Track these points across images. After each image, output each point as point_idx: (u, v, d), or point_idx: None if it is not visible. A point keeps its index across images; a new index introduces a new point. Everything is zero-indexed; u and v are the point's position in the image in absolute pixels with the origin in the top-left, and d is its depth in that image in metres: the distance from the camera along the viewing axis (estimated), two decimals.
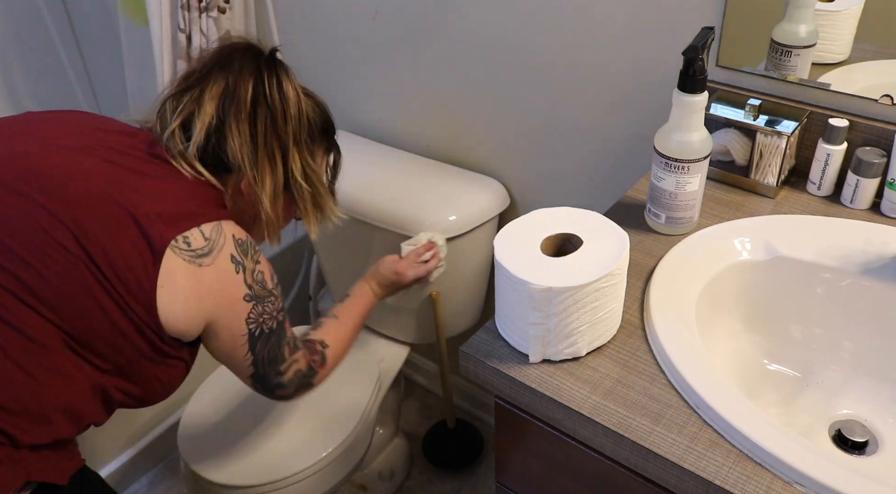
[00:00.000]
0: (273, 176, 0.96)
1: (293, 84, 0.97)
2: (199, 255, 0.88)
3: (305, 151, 0.99)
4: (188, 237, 0.88)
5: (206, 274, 0.89)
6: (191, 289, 0.88)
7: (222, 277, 0.91)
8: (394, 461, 1.70)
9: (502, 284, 0.77)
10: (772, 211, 0.98)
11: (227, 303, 0.92)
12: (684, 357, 0.75)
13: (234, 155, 0.93)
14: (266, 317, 0.97)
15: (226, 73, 0.93)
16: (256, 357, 0.99)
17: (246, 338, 0.96)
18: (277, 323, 1.00)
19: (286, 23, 1.60)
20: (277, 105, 0.94)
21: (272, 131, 0.94)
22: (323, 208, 1.05)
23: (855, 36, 0.93)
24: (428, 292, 1.43)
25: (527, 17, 1.21)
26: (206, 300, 0.90)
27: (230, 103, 0.92)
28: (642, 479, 0.75)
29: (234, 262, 0.92)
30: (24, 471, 0.83)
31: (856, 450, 0.80)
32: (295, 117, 0.96)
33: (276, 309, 0.99)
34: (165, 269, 0.86)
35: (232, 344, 0.96)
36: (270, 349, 1.00)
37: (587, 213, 0.82)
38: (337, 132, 1.59)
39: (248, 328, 0.95)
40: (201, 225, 0.89)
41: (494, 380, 0.80)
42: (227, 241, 0.91)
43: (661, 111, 1.14)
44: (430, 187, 1.40)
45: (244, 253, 0.93)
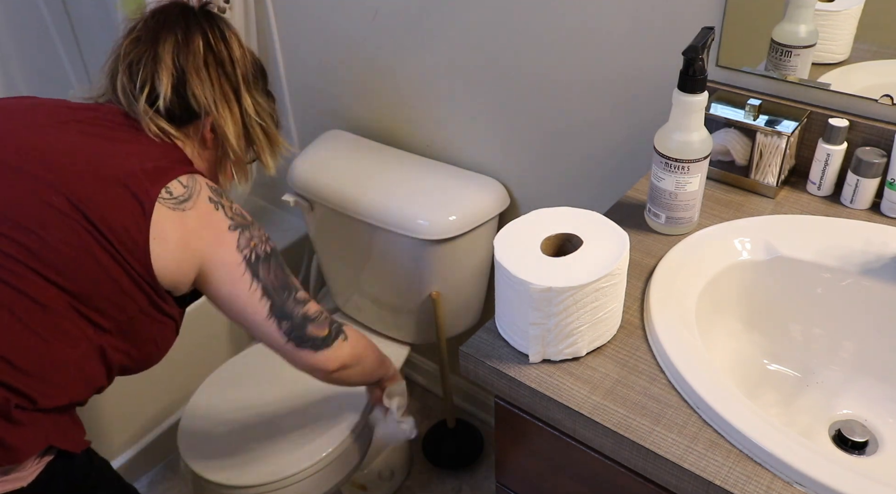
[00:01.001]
0: (233, 116, 1.04)
1: (232, 31, 1.06)
2: (181, 201, 0.94)
3: (253, 89, 1.07)
4: (169, 188, 0.94)
5: (189, 217, 0.94)
6: (178, 235, 0.93)
7: (204, 216, 0.96)
8: (394, 461, 1.70)
9: (502, 284, 0.77)
10: (772, 211, 0.98)
11: (213, 237, 0.97)
12: (684, 357, 0.75)
13: (202, 99, 1.00)
14: (256, 242, 1.00)
15: (173, 31, 1.00)
16: (263, 284, 1.01)
17: (244, 266, 0.99)
18: (272, 249, 1.03)
19: (286, 23, 1.60)
20: (225, 52, 1.03)
21: (224, 75, 1.03)
22: (273, 140, 1.12)
23: (855, 36, 0.93)
24: (428, 293, 1.43)
25: (527, 17, 1.21)
26: (193, 242, 0.95)
27: (185, 55, 1.00)
28: (642, 479, 0.75)
29: (212, 202, 0.98)
30: (44, 434, 0.87)
31: (856, 450, 0.80)
32: (240, 60, 1.05)
33: (262, 236, 1.02)
34: (155, 221, 0.91)
35: (232, 280, 0.99)
36: (275, 274, 1.02)
37: (587, 213, 0.82)
38: (337, 132, 1.60)
39: (241, 254, 0.99)
40: (179, 176, 0.96)
41: (494, 380, 0.80)
42: (202, 186, 0.98)
43: (661, 111, 1.14)
44: (430, 186, 1.40)
45: (219, 195, 1.00)
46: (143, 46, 1.00)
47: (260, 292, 1.00)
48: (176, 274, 0.95)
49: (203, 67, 1.01)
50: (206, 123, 1.02)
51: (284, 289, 1.03)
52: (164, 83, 0.98)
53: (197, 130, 1.03)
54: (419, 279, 1.42)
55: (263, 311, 1.02)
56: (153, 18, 1.03)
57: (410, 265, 1.40)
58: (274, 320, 1.02)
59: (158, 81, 0.98)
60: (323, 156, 1.51)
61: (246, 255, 0.99)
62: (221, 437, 1.36)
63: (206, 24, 1.03)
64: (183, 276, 0.96)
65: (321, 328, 1.07)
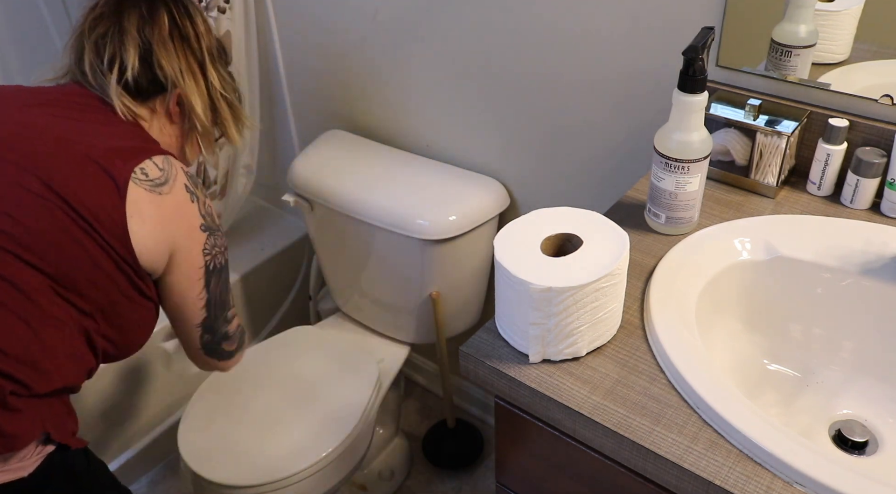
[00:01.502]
0: (199, 88, 1.04)
1: (197, 8, 1.06)
2: (158, 184, 0.94)
3: (218, 63, 1.07)
4: (145, 168, 0.93)
5: (166, 202, 0.94)
6: (156, 216, 0.93)
7: (180, 205, 0.96)
8: (394, 461, 1.70)
9: (502, 284, 0.77)
10: (772, 211, 0.98)
11: (186, 230, 0.97)
12: (684, 357, 0.75)
13: (168, 70, 1.00)
14: (217, 251, 1.02)
15: (136, 5, 1.00)
16: (210, 296, 1.03)
17: (202, 271, 1.01)
18: (225, 261, 1.06)
19: (286, 23, 1.60)
20: (189, 27, 1.03)
21: (189, 48, 1.03)
22: (237, 114, 1.12)
23: (855, 36, 0.93)
24: (428, 293, 1.43)
25: (527, 17, 1.21)
26: (169, 227, 0.95)
27: (151, 29, 0.99)
28: (642, 479, 0.75)
29: (189, 191, 0.98)
30: (41, 419, 0.88)
31: (856, 450, 0.80)
32: (205, 35, 1.05)
33: (223, 245, 1.04)
34: (131, 200, 0.91)
35: (188, 279, 1.00)
36: (222, 288, 1.06)
37: (587, 213, 0.82)
38: (337, 132, 1.60)
39: (203, 259, 1.00)
40: (153, 157, 0.95)
41: (494, 380, 0.80)
42: (178, 172, 0.97)
43: (661, 111, 1.14)
44: (431, 187, 1.40)
45: (195, 184, 1.00)
46: (107, 21, 0.99)
47: (204, 302, 1.03)
48: (154, 253, 0.95)
49: (169, 40, 1.01)
50: (173, 97, 1.02)
51: (221, 306, 1.07)
52: (130, 55, 0.98)
53: (163, 103, 1.03)
54: (419, 279, 1.42)
55: (197, 319, 1.05)
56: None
57: (410, 265, 1.40)
58: (200, 329, 1.07)
59: (125, 53, 0.98)
60: (323, 156, 1.51)
61: (207, 261, 1.01)
62: (221, 437, 1.36)
63: (169, 1, 1.03)
64: (160, 256, 0.96)
65: (232, 343, 1.15)
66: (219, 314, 1.08)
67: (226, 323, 1.11)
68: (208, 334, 1.09)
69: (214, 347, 1.12)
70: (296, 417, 1.39)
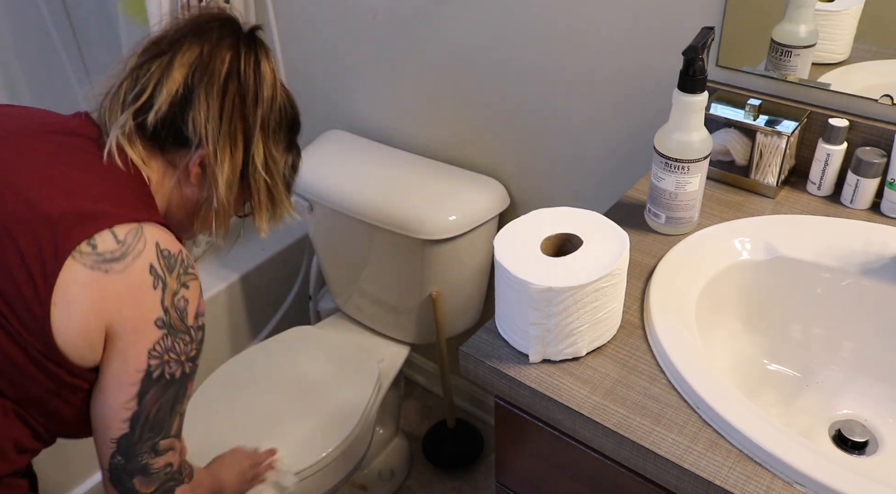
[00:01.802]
0: (233, 159, 0.86)
1: (271, 66, 0.89)
2: (107, 260, 0.75)
3: (270, 139, 0.89)
4: (94, 240, 0.75)
5: (112, 283, 0.75)
6: (90, 300, 0.75)
7: (134, 290, 0.77)
8: (394, 461, 1.70)
9: (502, 284, 0.77)
10: (772, 211, 0.98)
11: (132, 322, 0.77)
12: (684, 357, 0.75)
13: (198, 127, 0.83)
14: (173, 358, 0.80)
15: (201, 41, 0.85)
16: (140, 410, 0.80)
17: (140, 376, 0.79)
18: (183, 374, 0.82)
19: (286, 23, 1.60)
20: (251, 84, 0.86)
21: (240, 111, 0.85)
22: (277, 204, 0.95)
23: (855, 36, 0.93)
24: (428, 293, 1.43)
25: (527, 17, 1.21)
26: (105, 313, 0.76)
27: (202, 73, 0.83)
28: (642, 479, 0.75)
29: (153, 274, 0.78)
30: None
31: (856, 450, 0.80)
32: (267, 101, 0.88)
33: (187, 354, 0.82)
34: (61, 282, 0.73)
35: (118, 379, 0.79)
36: (162, 407, 0.82)
37: (587, 213, 0.82)
38: (337, 132, 1.60)
39: (146, 362, 0.78)
40: (115, 226, 0.77)
41: (494, 380, 0.80)
42: (147, 248, 0.78)
43: (661, 111, 1.14)
44: (431, 186, 1.40)
45: (168, 268, 0.80)
46: (161, 48, 0.85)
47: (130, 414, 0.80)
48: (84, 349, 0.76)
49: (217, 94, 0.84)
50: (196, 157, 0.85)
51: (154, 429, 0.82)
52: (163, 96, 0.82)
53: (183, 159, 0.86)
54: (419, 279, 1.42)
55: (115, 433, 0.81)
56: (189, 22, 0.87)
57: (410, 265, 1.40)
58: (114, 446, 0.82)
59: (158, 92, 0.83)
60: (323, 156, 1.51)
61: (151, 366, 0.79)
62: (221, 437, 1.36)
63: (243, 46, 0.86)
64: (89, 349, 0.77)
65: (148, 485, 0.86)
66: (146, 436, 0.82)
67: (151, 454, 0.83)
68: (122, 456, 0.82)
69: (122, 478, 0.84)
70: (296, 417, 1.39)
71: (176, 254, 0.81)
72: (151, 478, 0.86)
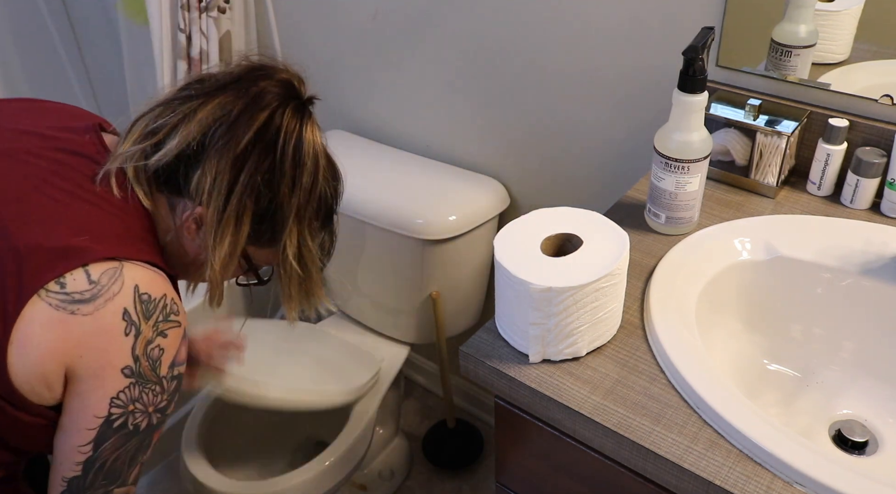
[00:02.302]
0: (234, 238, 0.78)
1: (319, 146, 0.80)
2: (76, 301, 0.69)
3: (306, 228, 0.81)
4: (64, 279, 0.69)
5: (77, 325, 0.69)
6: (51, 344, 0.69)
7: (102, 335, 0.70)
8: (394, 461, 1.70)
9: (502, 284, 0.77)
10: (772, 211, 0.98)
11: (94, 369, 0.71)
12: (684, 357, 0.75)
13: (201, 191, 0.76)
14: (139, 408, 0.74)
15: (237, 96, 0.77)
16: (94, 458, 0.75)
17: (98, 422, 0.73)
18: (149, 425, 0.77)
19: (286, 23, 1.60)
20: (287, 168, 0.77)
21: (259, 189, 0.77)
22: (311, 294, 0.88)
23: (855, 36, 0.93)
24: (427, 293, 1.43)
25: (527, 17, 1.21)
26: (66, 357, 0.70)
27: (223, 134, 0.75)
28: (642, 479, 0.75)
29: (126, 320, 0.71)
30: None
31: (856, 450, 0.80)
32: (306, 189, 0.79)
33: (156, 405, 0.76)
34: (22, 321, 0.68)
35: (74, 423, 0.73)
36: (120, 457, 0.76)
37: (587, 213, 0.82)
38: (337, 132, 1.60)
39: (109, 409, 0.73)
40: (90, 264, 0.70)
41: (494, 380, 0.80)
42: (123, 291, 0.71)
43: (661, 111, 1.14)
44: (431, 187, 1.40)
45: (145, 314, 0.73)
46: (202, 88, 0.78)
47: (84, 458, 0.74)
48: (41, 390, 0.71)
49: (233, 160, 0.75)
50: (192, 212, 0.77)
51: (108, 476, 0.77)
52: (173, 144, 0.75)
53: (183, 208, 0.79)
54: (419, 279, 1.42)
55: (67, 473, 0.76)
56: (239, 69, 0.80)
57: (410, 265, 1.40)
58: (65, 486, 0.76)
59: (171, 138, 0.76)
60: None
61: (112, 414, 0.73)
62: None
63: (285, 113, 0.78)
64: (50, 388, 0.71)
65: None
66: (98, 483, 0.76)
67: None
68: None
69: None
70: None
71: (157, 299, 0.74)
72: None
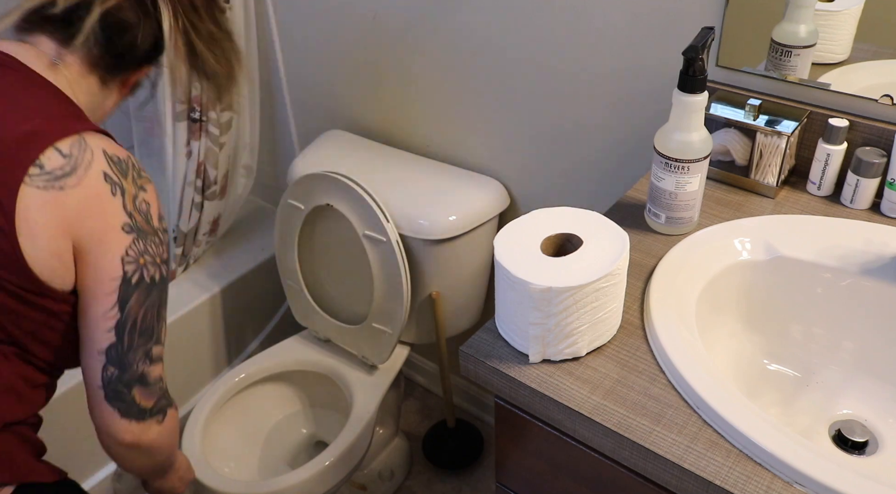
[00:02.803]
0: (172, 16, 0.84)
1: None
2: (59, 176, 0.73)
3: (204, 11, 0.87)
4: (41, 161, 0.72)
5: (70, 198, 0.73)
6: (53, 221, 0.73)
7: (93, 199, 0.74)
8: (394, 461, 1.70)
9: (502, 284, 0.77)
10: (772, 211, 0.98)
11: (98, 231, 0.75)
12: (684, 357, 0.75)
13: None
14: (148, 260, 0.78)
15: None
16: (125, 317, 0.77)
17: (116, 284, 0.76)
18: (161, 277, 0.80)
19: (286, 23, 1.60)
20: None
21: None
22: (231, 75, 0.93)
23: (855, 36, 0.93)
24: (428, 293, 1.43)
25: (527, 17, 1.21)
26: (71, 230, 0.74)
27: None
28: (642, 479, 0.75)
29: (109, 182, 0.76)
30: None
31: (856, 450, 0.80)
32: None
33: (161, 256, 0.80)
34: (20, 211, 0.71)
35: (93, 291, 0.76)
36: (148, 311, 0.79)
37: (587, 213, 0.82)
38: (337, 132, 1.59)
39: (122, 268, 0.76)
40: (56, 142, 0.74)
41: (494, 380, 0.80)
42: (95, 157, 0.75)
43: (660, 111, 1.14)
44: (430, 187, 1.40)
45: (122, 173, 0.77)
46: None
47: (114, 322, 0.77)
48: (60, 271, 0.75)
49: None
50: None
51: (144, 334, 0.80)
52: None
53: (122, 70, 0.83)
54: (419, 279, 1.42)
55: (102, 344, 0.78)
56: None
57: (410, 265, 1.40)
58: (104, 359, 0.79)
59: None
60: (323, 156, 1.51)
61: (127, 272, 0.77)
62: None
63: None
64: (67, 267, 0.75)
65: (148, 398, 0.83)
66: (137, 343, 0.79)
67: (147, 361, 0.81)
68: (115, 367, 0.79)
69: (121, 390, 0.80)
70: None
71: (125, 159, 0.78)
72: (150, 390, 0.82)
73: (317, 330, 1.55)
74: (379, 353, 1.46)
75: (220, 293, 1.70)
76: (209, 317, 1.68)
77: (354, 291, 1.45)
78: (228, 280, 1.72)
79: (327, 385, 1.53)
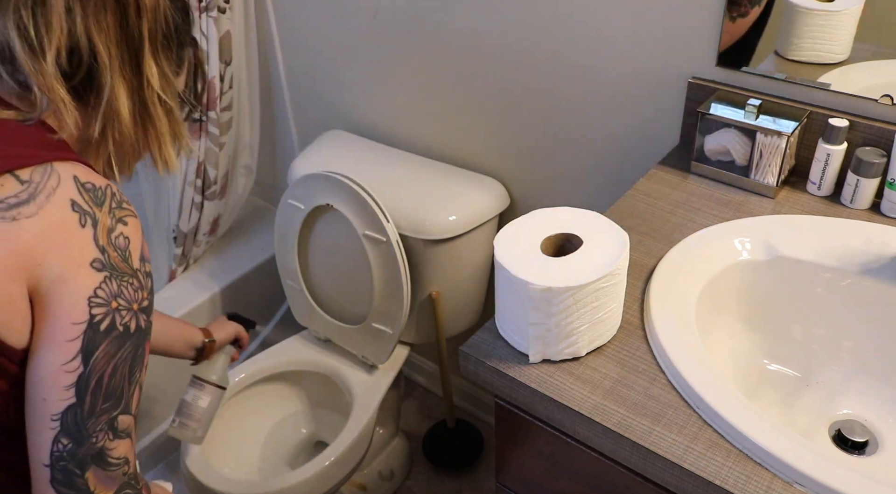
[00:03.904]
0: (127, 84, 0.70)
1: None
2: (12, 206, 0.61)
3: (161, 53, 0.72)
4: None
5: (25, 231, 0.61)
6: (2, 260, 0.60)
7: (56, 230, 0.62)
8: (394, 461, 1.70)
9: (502, 284, 0.77)
10: (772, 211, 0.98)
11: (60, 269, 0.62)
12: (684, 357, 0.75)
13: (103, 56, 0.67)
14: (123, 304, 0.65)
15: None
16: (87, 372, 0.63)
17: (82, 329, 0.62)
18: (138, 328, 0.66)
19: (286, 23, 1.60)
20: None
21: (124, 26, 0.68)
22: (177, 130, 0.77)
23: (855, 36, 0.93)
24: (428, 293, 1.43)
25: (527, 18, 1.21)
26: (26, 268, 0.61)
27: None
28: (642, 479, 0.75)
29: (78, 210, 0.64)
30: None
31: (856, 450, 0.80)
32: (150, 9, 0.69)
33: (139, 303, 0.66)
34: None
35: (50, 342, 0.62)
36: (118, 368, 0.65)
37: (587, 213, 0.82)
38: (337, 132, 1.60)
39: (89, 311, 0.63)
40: (18, 169, 0.63)
41: (494, 380, 0.80)
42: (63, 183, 0.64)
43: (660, 111, 1.14)
44: (430, 187, 1.40)
45: (96, 202, 0.65)
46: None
47: (74, 377, 0.62)
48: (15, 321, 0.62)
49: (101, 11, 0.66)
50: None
51: (110, 397, 0.64)
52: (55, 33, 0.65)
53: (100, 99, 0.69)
54: (419, 279, 1.42)
55: (57, 406, 0.62)
56: None
57: (410, 265, 1.40)
58: (57, 427, 0.63)
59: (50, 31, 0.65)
60: (323, 156, 1.51)
61: (95, 316, 0.63)
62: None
63: None
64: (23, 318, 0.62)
65: (106, 485, 0.65)
66: (100, 408, 0.64)
67: (108, 434, 0.64)
68: (69, 437, 0.63)
69: (71, 471, 0.63)
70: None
71: (102, 187, 0.66)
72: (110, 473, 0.65)
73: (317, 330, 1.55)
74: (379, 353, 1.46)
75: (219, 293, 1.70)
76: (209, 317, 1.68)
77: (354, 291, 1.45)
78: (228, 280, 1.72)
79: (327, 385, 1.53)
